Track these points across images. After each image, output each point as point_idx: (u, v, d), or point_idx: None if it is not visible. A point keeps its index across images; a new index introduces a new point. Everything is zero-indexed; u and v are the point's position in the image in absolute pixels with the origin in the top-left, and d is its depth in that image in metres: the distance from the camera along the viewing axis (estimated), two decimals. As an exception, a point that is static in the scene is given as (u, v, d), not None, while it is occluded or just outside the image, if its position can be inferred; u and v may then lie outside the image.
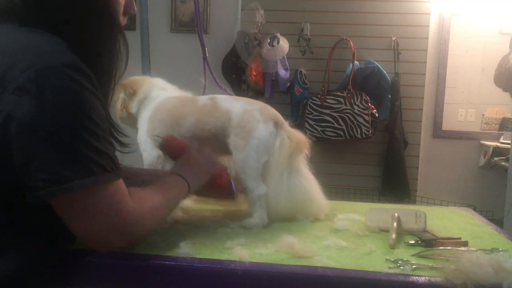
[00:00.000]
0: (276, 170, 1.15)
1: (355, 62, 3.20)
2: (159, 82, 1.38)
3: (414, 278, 0.81)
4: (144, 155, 1.28)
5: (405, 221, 1.08)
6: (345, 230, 1.11)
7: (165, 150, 1.16)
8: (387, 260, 0.89)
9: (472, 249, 0.96)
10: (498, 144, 3.25)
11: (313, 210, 1.19)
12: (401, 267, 0.85)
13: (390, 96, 3.19)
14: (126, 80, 1.34)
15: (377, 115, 3.17)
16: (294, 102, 3.34)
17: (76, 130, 0.72)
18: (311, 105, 3.23)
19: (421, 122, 3.39)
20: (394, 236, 1.01)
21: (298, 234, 1.04)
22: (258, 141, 1.15)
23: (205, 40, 1.88)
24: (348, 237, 1.05)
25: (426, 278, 0.82)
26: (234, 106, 1.20)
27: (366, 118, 3.11)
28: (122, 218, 0.78)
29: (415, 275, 0.82)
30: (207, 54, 1.86)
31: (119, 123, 1.31)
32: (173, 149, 1.13)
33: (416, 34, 3.29)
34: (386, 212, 1.12)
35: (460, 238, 1.03)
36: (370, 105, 3.12)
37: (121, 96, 1.34)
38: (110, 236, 0.79)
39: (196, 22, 1.86)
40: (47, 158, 0.71)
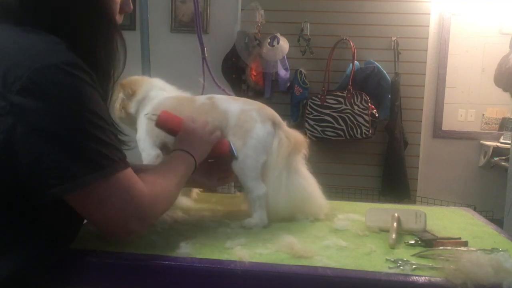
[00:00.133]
0: (274, 170, 1.15)
1: (355, 62, 3.19)
2: (158, 82, 1.38)
3: (414, 278, 0.82)
4: (143, 155, 1.27)
5: (405, 221, 1.08)
6: (345, 230, 1.11)
7: (162, 127, 1.14)
8: (387, 260, 0.89)
9: (472, 249, 0.96)
10: (498, 144, 3.25)
11: (312, 209, 1.19)
12: (401, 267, 0.85)
13: (390, 96, 3.18)
14: (125, 80, 1.34)
15: (377, 115, 3.17)
16: (294, 102, 3.34)
17: (81, 126, 0.73)
18: (311, 105, 3.22)
19: (421, 122, 3.39)
20: (394, 236, 1.01)
21: (298, 234, 1.04)
22: (256, 141, 1.15)
23: (205, 40, 1.88)
24: (348, 237, 1.05)
25: (426, 278, 0.82)
26: (232, 106, 1.20)
27: (366, 118, 3.11)
28: (138, 203, 0.80)
29: (415, 275, 0.82)
30: (206, 54, 1.86)
31: (118, 123, 1.31)
32: (170, 124, 1.12)
33: (416, 34, 3.28)
34: (386, 212, 1.12)
35: (460, 238, 1.03)
36: (370, 105, 3.12)
37: (120, 96, 1.34)
38: (129, 222, 0.81)
39: (195, 22, 1.86)
40: (56, 156, 0.71)
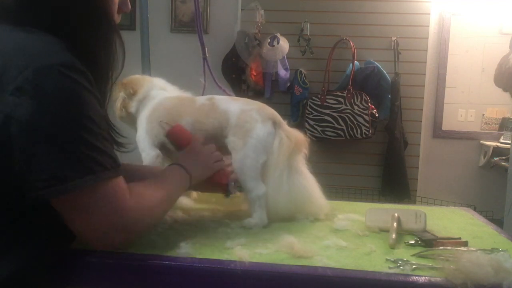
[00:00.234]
0: (275, 170, 1.15)
1: (355, 62, 3.20)
2: (159, 81, 1.38)
3: (414, 278, 0.82)
4: (143, 155, 1.27)
5: (405, 221, 1.08)
6: (345, 230, 1.11)
7: (170, 138, 1.14)
8: (387, 260, 0.89)
9: (472, 249, 0.96)
10: (498, 144, 3.25)
11: (312, 209, 1.19)
12: (401, 267, 0.85)
13: (390, 96, 3.18)
14: (126, 79, 1.34)
15: (377, 115, 3.17)
16: (294, 102, 3.34)
17: (75, 130, 0.72)
18: (311, 105, 3.22)
19: (421, 122, 3.39)
20: (394, 236, 1.01)
21: (298, 234, 1.04)
22: (257, 141, 1.15)
23: (205, 40, 1.88)
24: (348, 237, 1.05)
25: (426, 278, 0.82)
26: (232, 106, 1.20)
27: (366, 118, 3.11)
28: (121, 216, 0.79)
29: (415, 275, 0.82)
30: (207, 54, 1.86)
31: (118, 123, 1.31)
32: (178, 138, 1.12)
33: (416, 34, 3.28)
34: (386, 212, 1.12)
35: (460, 238, 1.03)
36: (370, 105, 3.12)
37: (121, 95, 1.33)
38: (110, 233, 0.79)
39: (196, 22, 1.85)
40: (47, 158, 0.71)
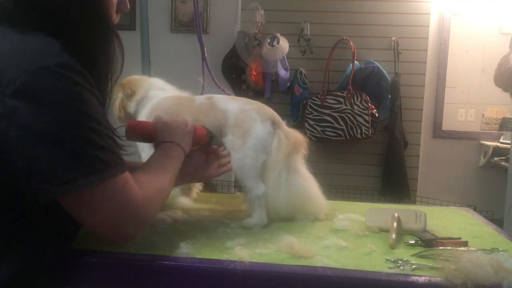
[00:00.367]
0: (274, 170, 1.15)
1: (355, 62, 3.19)
2: (158, 82, 1.38)
3: (414, 278, 0.82)
4: (142, 155, 1.28)
5: (405, 221, 1.08)
6: (345, 230, 1.11)
7: (134, 135, 1.06)
8: (387, 260, 0.89)
9: (472, 249, 0.96)
10: (498, 144, 3.25)
11: (312, 209, 1.19)
12: (401, 267, 0.85)
13: (390, 96, 3.18)
14: (125, 79, 1.34)
15: (377, 115, 3.17)
16: (294, 102, 3.34)
17: (76, 129, 0.73)
18: (311, 105, 3.22)
19: (421, 122, 3.39)
20: (394, 236, 1.01)
21: (298, 234, 1.04)
22: (256, 140, 1.15)
23: (205, 40, 1.89)
24: (348, 237, 1.05)
25: (426, 278, 0.82)
26: (231, 105, 1.20)
27: (366, 118, 3.11)
28: (132, 208, 0.80)
29: (415, 275, 0.82)
30: (206, 54, 1.86)
31: (117, 123, 1.30)
32: (141, 130, 1.06)
33: (416, 34, 3.28)
34: (386, 212, 1.12)
35: (460, 238, 1.03)
36: (370, 105, 3.12)
37: (119, 95, 1.33)
38: (125, 226, 0.80)
39: (195, 22, 1.86)
40: (51, 159, 0.71)
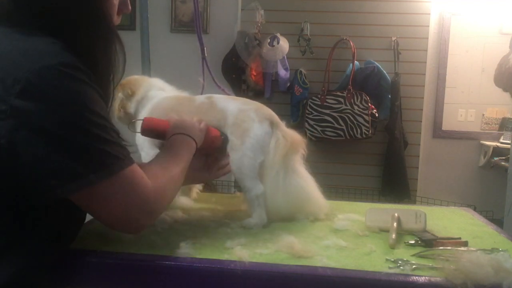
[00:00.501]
0: (271, 170, 1.15)
1: (355, 62, 3.20)
2: (157, 82, 1.38)
3: (414, 278, 0.82)
4: (142, 155, 1.28)
5: (405, 221, 1.08)
6: (345, 230, 1.11)
7: (149, 131, 1.09)
8: (387, 260, 0.89)
9: (472, 249, 0.96)
10: (498, 144, 3.25)
11: (311, 209, 1.19)
12: (401, 267, 0.85)
13: (390, 96, 3.18)
14: (124, 80, 1.33)
15: (377, 115, 3.17)
16: (294, 102, 3.34)
17: (83, 126, 0.73)
18: (311, 105, 3.22)
19: (421, 122, 3.39)
20: (394, 236, 1.01)
21: (298, 234, 1.04)
22: (254, 140, 1.15)
23: (205, 40, 1.88)
24: (348, 237, 1.05)
25: (426, 278, 0.82)
26: (230, 105, 1.21)
27: (366, 118, 3.11)
28: (144, 199, 0.80)
29: (415, 275, 0.82)
30: (206, 54, 1.86)
31: (116, 123, 1.31)
32: (156, 126, 1.08)
33: (416, 34, 3.28)
34: (386, 212, 1.12)
35: (460, 238, 1.03)
36: (370, 105, 3.12)
37: (119, 96, 1.33)
38: (137, 218, 0.81)
39: (195, 22, 1.85)
40: (61, 157, 0.71)
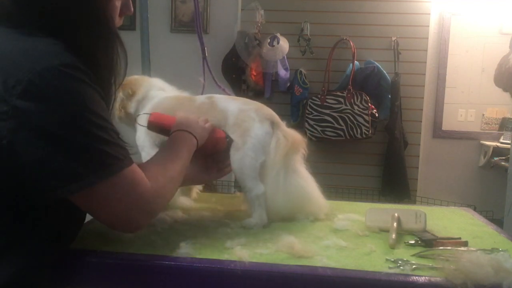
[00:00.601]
0: (272, 170, 1.15)
1: (355, 62, 3.20)
2: (158, 82, 1.38)
3: (414, 278, 0.82)
4: (143, 154, 1.27)
5: (405, 221, 1.08)
6: (345, 230, 1.11)
7: (155, 126, 1.11)
8: (387, 260, 0.89)
9: (472, 249, 0.96)
10: (498, 144, 3.25)
11: (311, 209, 1.19)
12: (401, 267, 0.85)
13: (390, 96, 3.18)
14: (125, 80, 1.33)
15: (377, 115, 3.17)
16: (294, 102, 3.34)
17: (84, 126, 0.73)
18: (311, 105, 3.22)
19: (421, 122, 3.39)
20: (394, 236, 1.01)
21: (298, 234, 1.04)
22: (255, 140, 1.15)
23: (205, 40, 1.88)
24: (348, 237, 1.05)
25: (426, 278, 0.82)
26: (231, 105, 1.21)
27: (366, 118, 3.11)
28: (144, 199, 0.81)
29: (415, 275, 0.82)
30: (207, 54, 1.86)
31: (117, 123, 1.31)
32: (163, 122, 1.10)
33: (416, 34, 3.28)
34: (386, 212, 1.12)
35: (460, 238, 1.03)
36: (370, 105, 3.12)
37: (119, 96, 1.33)
38: (137, 218, 0.82)
39: (195, 22, 1.85)
40: (61, 158, 0.72)
